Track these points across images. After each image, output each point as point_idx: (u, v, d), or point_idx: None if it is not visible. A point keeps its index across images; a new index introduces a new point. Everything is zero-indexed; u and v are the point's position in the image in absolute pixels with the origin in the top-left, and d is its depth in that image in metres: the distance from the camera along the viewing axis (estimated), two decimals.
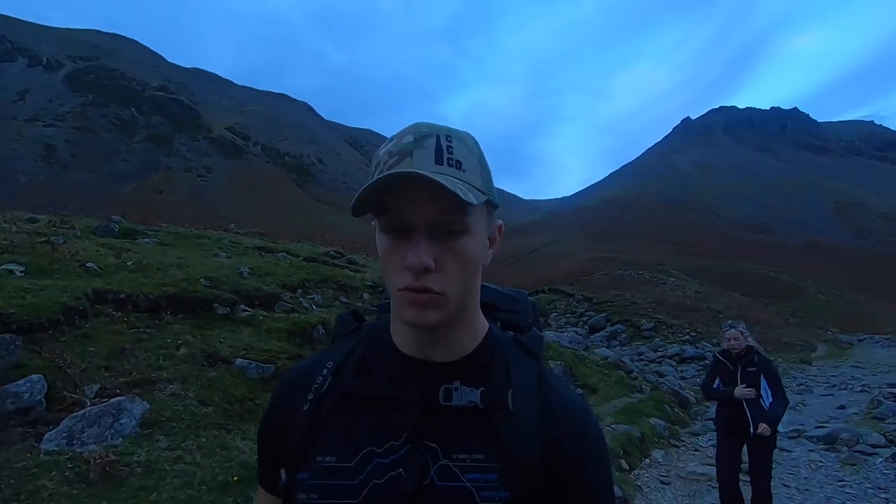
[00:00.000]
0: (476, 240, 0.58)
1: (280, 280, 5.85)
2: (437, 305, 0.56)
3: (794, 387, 11.32)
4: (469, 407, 0.59)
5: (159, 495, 2.66)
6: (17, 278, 3.91)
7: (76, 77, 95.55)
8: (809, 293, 55.11)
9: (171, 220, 28.63)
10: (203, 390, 3.66)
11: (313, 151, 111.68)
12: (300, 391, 0.64)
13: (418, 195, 0.53)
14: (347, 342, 0.68)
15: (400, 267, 0.56)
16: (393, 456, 0.58)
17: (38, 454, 2.75)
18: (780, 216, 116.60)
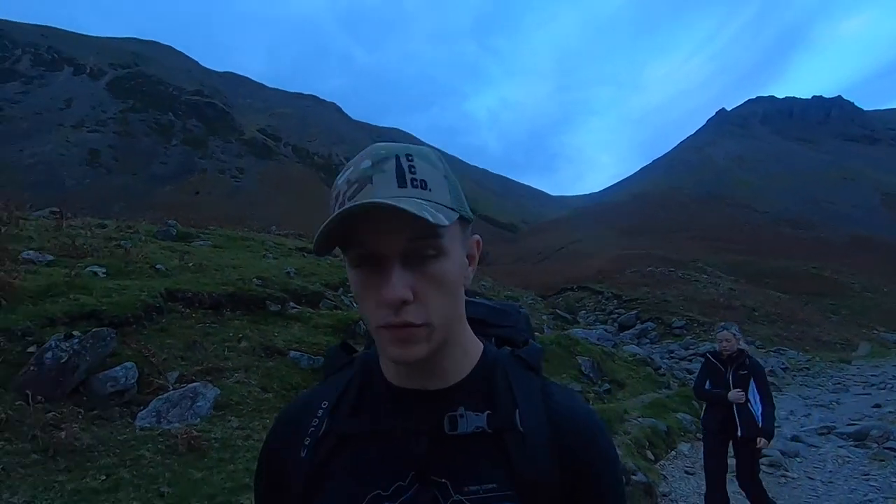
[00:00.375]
0: (453, 261, 0.55)
1: (323, 279, 6.32)
2: (421, 338, 0.53)
3: (829, 386, 11.18)
4: (476, 433, 0.57)
5: (235, 466, 3.11)
6: (101, 279, 4.46)
7: (117, 84, 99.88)
8: (854, 290, 52.87)
9: (209, 221, 29.70)
10: (263, 378, 4.12)
11: (342, 151, 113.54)
12: (295, 435, 0.61)
13: (384, 225, 0.51)
14: (341, 377, 0.65)
15: (375, 304, 0.53)
16: (401, 498, 0.55)
17: (135, 430, 3.24)
18: (823, 210, 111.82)
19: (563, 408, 0.60)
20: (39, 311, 3.60)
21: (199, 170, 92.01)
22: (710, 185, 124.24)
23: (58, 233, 5.68)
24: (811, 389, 10.93)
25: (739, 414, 3.43)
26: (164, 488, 2.78)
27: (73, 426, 2.98)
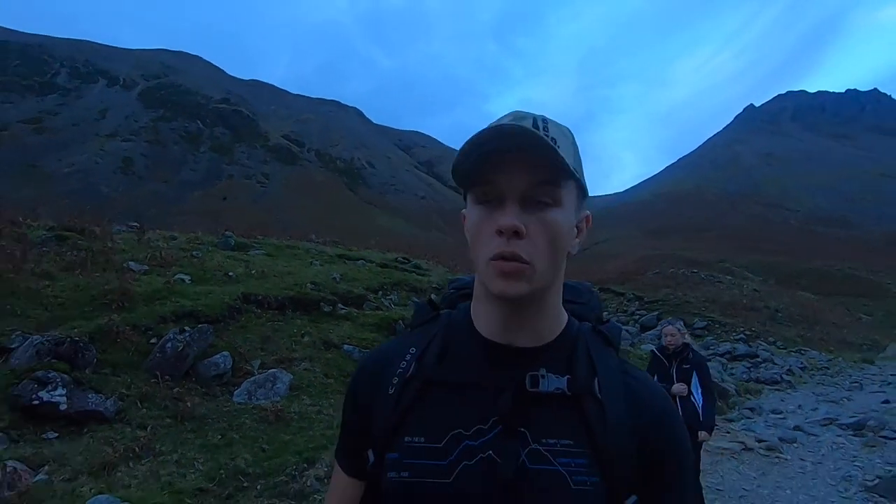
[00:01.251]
0: (566, 216, 0.59)
1: (364, 284, 7.19)
2: (525, 275, 0.57)
3: (845, 384, 11.52)
4: (556, 394, 0.60)
5: (313, 432, 3.96)
6: (189, 285, 5.41)
7: (148, 94, 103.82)
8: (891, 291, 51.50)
9: (236, 225, 30.71)
10: (324, 367, 4.99)
11: (363, 155, 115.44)
12: (384, 375, 0.66)
13: (512, 164, 0.56)
14: (427, 330, 0.69)
15: (489, 235, 0.57)
16: (483, 439, 0.59)
17: (234, 404, 4.14)
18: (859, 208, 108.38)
19: (642, 387, 0.63)
20: (153, 311, 4.54)
21: (227, 176, 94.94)
22: (739, 183, 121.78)
23: (142, 245, 6.69)
24: (826, 387, 11.31)
25: (682, 407, 3.51)
26: (264, 446, 3.65)
27: (192, 399, 3.89)
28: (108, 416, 3.48)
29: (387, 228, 72.74)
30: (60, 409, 3.29)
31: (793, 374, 12.49)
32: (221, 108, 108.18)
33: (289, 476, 3.39)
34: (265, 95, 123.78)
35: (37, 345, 3.56)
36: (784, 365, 13.37)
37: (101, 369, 3.79)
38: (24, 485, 2.67)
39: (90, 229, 6.70)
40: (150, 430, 3.47)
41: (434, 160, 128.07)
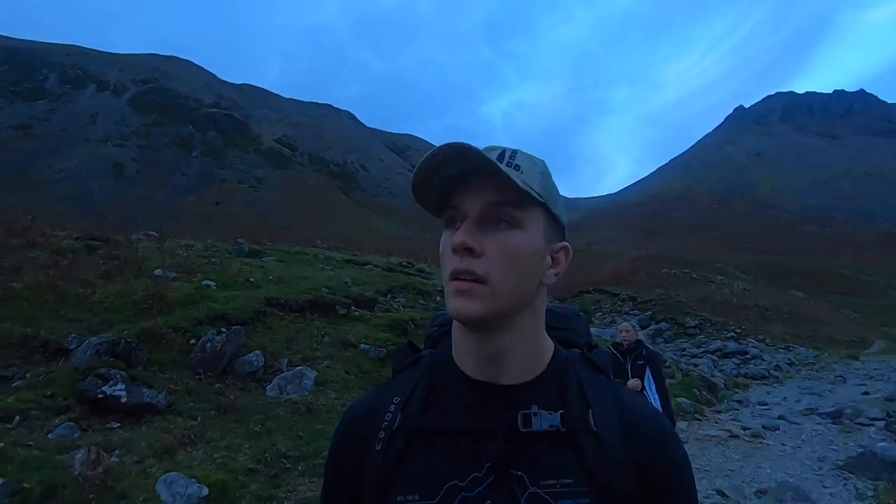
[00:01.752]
0: (527, 238, 0.58)
1: (374, 287, 7.63)
2: (480, 296, 0.55)
3: (830, 378, 12.11)
4: (550, 431, 0.58)
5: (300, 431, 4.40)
6: (216, 290, 5.83)
7: (139, 99, 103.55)
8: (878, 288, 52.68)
9: (229, 230, 30.88)
10: (345, 364, 5.43)
11: (356, 158, 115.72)
12: (368, 430, 0.63)
13: (475, 188, 0.57)
14: (409, 375, 0.67)
15: (449, 255, 0.58)
16: (478, 488, 0.57)
17: (268, 398, 4.57)
18: (848, 207, 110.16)
19: (635, 412, 0.62)
20: (189, 314, 4.97)
21: (219, 180, 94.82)
22: (730, 183, 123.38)
23: (164, 253, 7.10)
24: (811, 381, 11.88)
25: None
26: (300, 433, 4.09)
27: (232, 393, 4.32)
28: (160, 408, 3.90)
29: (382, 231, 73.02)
30: (121, 402, 3.72)
31: (780, 370, 13.07)
32: (213, 113, 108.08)
33: (323, 459, 3.84)
34: (257, 99, 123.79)
35: (95, 345, 3.98)
36: (772, 361, 13.96)
37: (150, 367, 4.21)
38: (105, 464, 3.09)
39: (114, 238, 7.10)
40: (199, 420, 3.90)
41: None
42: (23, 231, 6.56)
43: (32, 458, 3.01)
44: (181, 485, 3.06)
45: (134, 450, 3.40)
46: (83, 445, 3.26)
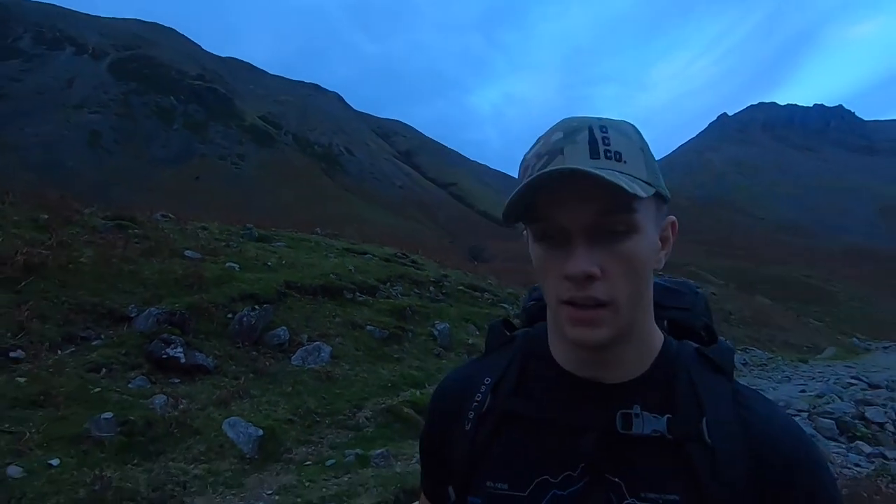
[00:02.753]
0: (646, 240, 0.52)
1: (374, 275, 8.51)
2: (605, 321, 0.50)
3: (777, 378, 13.50)
4: (653, 437, 0.53)
5: (356, 389, 5.32)
6: (241, 272, 6.64)
7: (119, 65, 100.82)
8: (840, 299, 55.71)
9: (209, 207, 30.83)
10: (354, 342, 6.33)
11: (342, 141, 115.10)
12: (459, 408, 0.62)
13: (573, 195, 0.49)
14: (502, 355, 0.65)
15: (558, 277, 0.51)
16: (572, 488, 0.53)
17: (293, 366, 5.44)
18: (821, 219, 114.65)
19: (762, 420, 0.53)
20: (223, 292, 5.79)
21: (199, 155, 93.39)
22: (710, 189, 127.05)
23: (187, 235, 7.84)
24: (761, 380, 13.23)
25: None
26: (323, 395, 4.99)
27: (265, 361, 5.19)
28: (210, 369, 4.75)
29: (365, 217, 73.26)
30: (181, 362, 4.55)
31: (735, 369, 14.38)
32: (196, 85, 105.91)
33: (346, 416, 4.77)
34: (242, 74, 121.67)
35: (156, 315, 4.80)
36: None
37: (198, 335, 5.04)
38: (180, 408, 3.95)
39: (139, 219, 7.81)
40: (242, 380, 4.76)
41: (413, 150, 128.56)
42: (55, 208, 7.22)
43: (124, 400, 3.85)
44: (242, 426, 3.95)
45: (196, 399, 4.26)
46: (158, 393, 4.11)
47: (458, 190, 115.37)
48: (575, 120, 0.53)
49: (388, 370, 5.97)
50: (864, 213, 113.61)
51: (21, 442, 3.03)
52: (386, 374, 5.82)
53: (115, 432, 3.43)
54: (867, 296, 57.80)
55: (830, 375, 14.17)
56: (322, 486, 3.52)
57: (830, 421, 7.25)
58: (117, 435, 3.42)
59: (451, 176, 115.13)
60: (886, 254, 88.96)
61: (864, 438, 6.87)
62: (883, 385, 11.08)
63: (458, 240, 71.64)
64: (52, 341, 4.22)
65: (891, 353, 25.22)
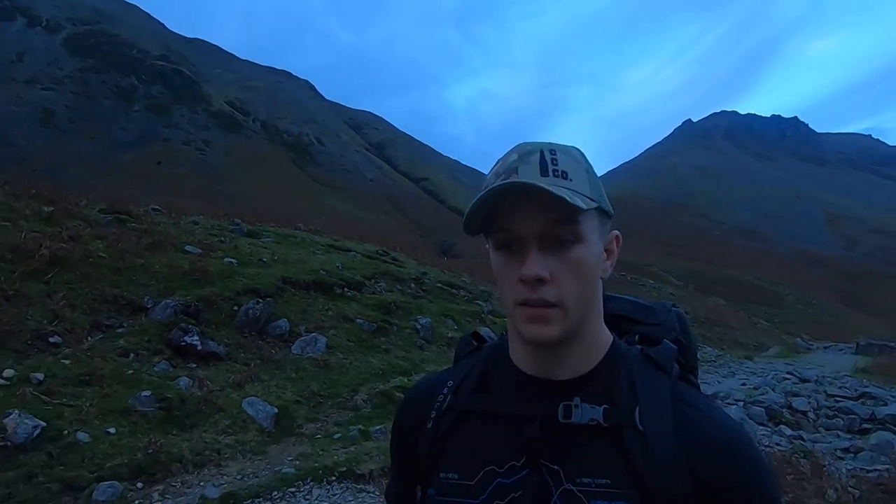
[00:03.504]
0: (591, 249, 0.58)
1: (360, 272, 9.11)
2: (555, 319, 0.56)
3: (723, 373, 14.84)
4: (592, 426, 0.57)
5: (350, 375, 5.96)
6: (238, 268, 7.15)
7: (76, 41, 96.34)
8: (788, 301, 59.31)
9: (172, 193, 30.25)
10: (346, 334, 6.95)
11: (312, 131, 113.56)
12: (424, 410, 0.69)
13: (525, 207, 0.56)
14: (468, 362, 0.71)
15: (514, 281, 0.57)
16: (515, 477, 0.58)
17: (293, 355, 6.03)
18: (774, 224, 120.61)
19: (697, 414, 0.58)
20: (227, 286, 6.32)
21: (163, 139, 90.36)
22: (672, 193, 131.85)
23: (181, 230, 8.25)
24: (709, 374, 14.51)
25: None
26: (324, 380, 5.62)
27: (270, 349, 5.78)
28: (222, 356, 5.31)
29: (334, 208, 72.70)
30: (197, 349, 5.10)
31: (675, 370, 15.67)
32: (160, 66, 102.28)
33: (345, 398, 5.43)
34: (210, 57, 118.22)
35: (172, 306, 5.31)
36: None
37: (209, 325, 5.58)
38: (205, 389, 4.52)
39: (135, 212, 8.18)
40: (251, 366, 5.35)
41: (386, 143, 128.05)
42: (53, 200, 7.53)
43: (153, 381, 4.40)
44: (259, 405, 4.56)
45: (215, 382, 4.83)
46: (181, 376, 4.66)
47: (430, 185, 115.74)
48: (529, 144, 0.60)
49: (377, 360, 6.63)
50: (813, 220, 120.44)
51: (82, 413, 3.57)
52: (376, 363, 6.49)
53: (155, 407, 3.99)
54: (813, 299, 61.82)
55: (770, 371, 15.60)
56: (333, 454, 4.18)
57: (761, 409, 8.36)
58: (157, 410, 3.98)
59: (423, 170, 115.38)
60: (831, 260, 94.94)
61: (787, 424, 7.99)
62: (812, 379, 12.46)
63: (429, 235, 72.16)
64: (82, 328, 4.70)
65: (829, 352, 27.45)
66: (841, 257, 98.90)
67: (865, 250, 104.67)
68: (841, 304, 66.45)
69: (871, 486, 5.49)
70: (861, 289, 77.41)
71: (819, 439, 7.61)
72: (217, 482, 3.49)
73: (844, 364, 18.44)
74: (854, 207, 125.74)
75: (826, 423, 8.40)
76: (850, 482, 5.53)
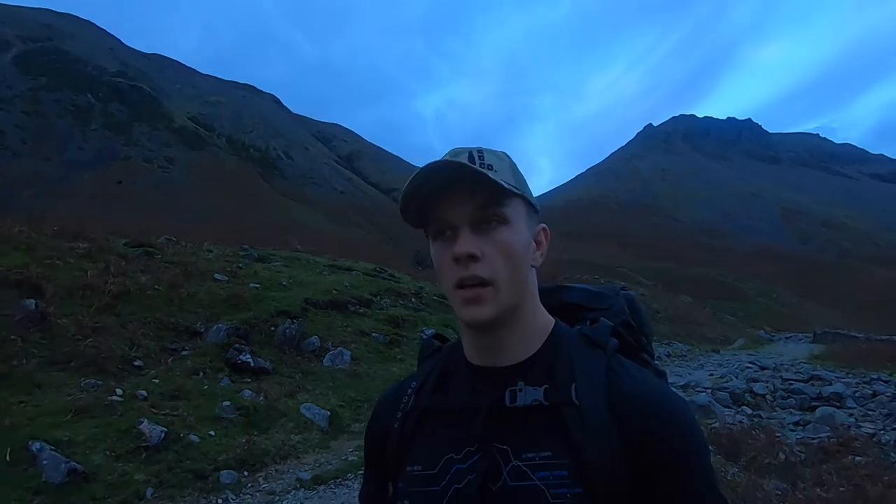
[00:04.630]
0: (516, 232, 0.65)
1: (367, 291, 10.02)
2: (488, 298, 0.62)
3: (693, 365, 16.30)
4: (535, 406, 0.62)
5: (376, 382, 6.87)
6: (265, 292, 7.97)
7: (27, 59, 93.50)
8: (750, 296, 62.56)
9: (134, 214, 29.80)
10: (365, 347, 7.86)
11: (279, 145, 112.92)
12: (391, 412, 0.75)
13: (455, 196, 0.63)
14: (429, 363, 0.77)
15: (449, 265, 0.64)
16: (471, 461, 0.64)
17: (326, 367, 6.90)
18: (734, 222, 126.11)
19: (627, 385, 0.62)
20: (262, 308, 7.15)
21: (122, 157, 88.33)
22: (637, 194, 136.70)
23: (199, 257, 9.00)
24: (680, 367, 15.94)
25: None
26: (357, 388, 6.52)
27: (307, 363, 6.65)
28: (270, 371, 6.16)
29: (304, 223, 72.67)
30: (250, 366, 5.94)
31: (660, 360, 17.13)
32: (117, 82, 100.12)
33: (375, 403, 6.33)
34: (169, 72, 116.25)
35: (224, 329, 6.14)
36: (655, 354, 18.07)
37: (254, 345, 6.42)
38: (268, 399, 5.37)
39: (154, 243, 8.89)
40: (296, 378, 6.21)
41: (354, 155, 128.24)
42: (83, 235, 8.19)
43: (225, 394, 5.23)
44: (315, 409, 5.45)
45: (271, 393, 5.68)
46: (244, 389, 5.50)
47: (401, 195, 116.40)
48: (460, 148, 0.67)
49: (396, 368, 7.56)
50: (770, 216, 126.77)
51: (186, 421, 4.41)
52: (396, 371, 7.42)
53: (236, 414, 4.84)
54: (773, 292, 65.42)
55: (734, 362, 17.14)
56: None
57: (726, 394, 9.65)
58: (238, 416, 4.84)
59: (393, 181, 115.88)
60: (788, 253, 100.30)
61: (748, 405, 9.30)
62: (771, 367, 13.98)
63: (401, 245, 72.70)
64: (154, 353, 5.49)
65: (789, 342, 29.58)
66: (796, 251, 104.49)
67: (818, 243, 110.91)
68: (798, 296, 70.26)
69: (814, 449, 6.77)
70: (816, 280, 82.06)
71: (775, 416, 8.94)
72: (302, 469, 4.38)
73: (801, 352, 20.30)
74: (806, 203, 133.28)
75: (781, 403, 9.76)
76: (796, 447, 6.80)
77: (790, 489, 4.63)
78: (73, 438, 3.59)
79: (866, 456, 6.08)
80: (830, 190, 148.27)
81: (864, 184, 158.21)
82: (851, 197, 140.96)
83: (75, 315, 5.25)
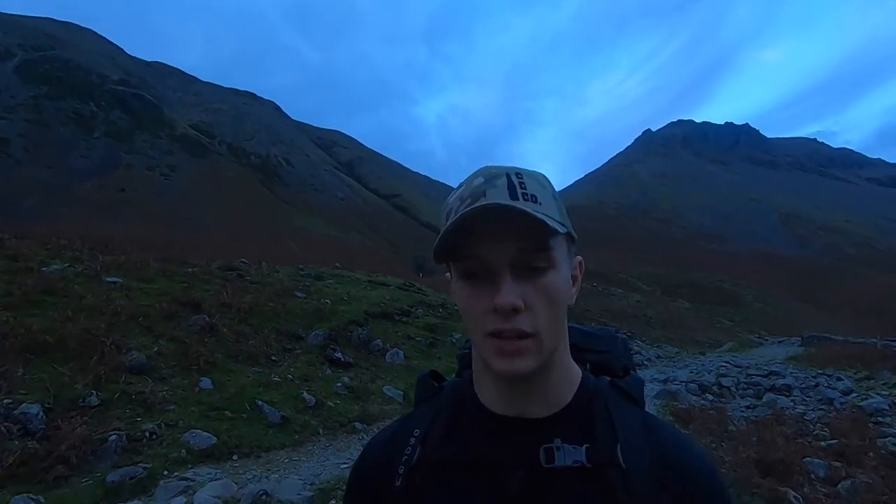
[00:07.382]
0: (562, 276, 0.59)
1: (405, 303, 12.54)
2: (530, 351, 0.56)
3: (679, 365, 18.82)
4: (575, 467, 0.58)
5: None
6: (335, 305, 10.48)
7: (29, 68, 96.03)
8: (747, 300, 65.17)
9: (136, 222, 32.07)
10: (412, 348, 10.37)
11: (280, 152, 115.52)
12: (389, 465, 0.67)
13: (496, 232, 0.55)
14: (431, 406, 0.70)
15: (483, 312, 0.57)
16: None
17: (388, 363, 9.39)
18: (733, 227, 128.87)
19: (669, 445, 0.61)
20: (339, 319, 9.67)
21: (125, 165, 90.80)
22: (636, 200, 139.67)
23: (274, 278, 11.51)
24: (667, 367, 18.48)
25: None
26: (413, 377, 9.01)
27: (377, 359, 9.16)
28: (353, 364, 8.66)
29: (305, 229, 75.12)
30: (342, 361, 8.44)
31: (651, 361, 19.66)
32: (120, 91, 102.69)
33: None
34: (170, 80, 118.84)
35: (321, 335, 8.65)
36: (646, 355, 20.63)
37: (339, 345, 8.93)
38: (359, 382, 7.87)
39: (236, 266, 11.41)
40: (372, 370, 8.71)
41: (355, 161, 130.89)
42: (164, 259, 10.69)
43: (331, 379, 7.72)
44: (392, 390, 7.97)
45: (360, 379, 8.18)
46: (342, 376, 8.00)
47: (402, 201, 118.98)
48: (494, 168, 0.61)
49: (437, 364, 10.07)
50: (768, 221, 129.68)
51: (322, 394, 6.90)
52: (438, 366, 9.93)
53: (346, 392, 7.35)
54: (770, 297, 68.04)
55: (716, 362, 19.64)
56: None
57: (696, 385, 12.21)
58: (347, 392, 7.34)
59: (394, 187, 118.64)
60: (786, 258, 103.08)
61: (713, 394, 11.85)
62: (743, 366, 16.54)
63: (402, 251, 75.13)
64: (279, 351, 8.00)
65: (778, 346, 32.05)
66: (795, 256, 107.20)
67: (817, 248, 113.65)
68: (796, 301, 72.70)
69: (754, 423, 9.32)
70: (814, 285, 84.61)
71: (734, 403, 11.50)
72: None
73: (779, 354, 22.84)
74: (805, 207, 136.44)
75: (742, 393, 12.35)
76: (741, 422, 9.33)
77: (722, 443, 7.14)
78: (272, 400, 6.10)
79: (789, 427, 8.64)
80: (829, 194, 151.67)
81: (863, 188, 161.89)
82: (850, 201, 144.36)
83: (228, 325, 7.77)
